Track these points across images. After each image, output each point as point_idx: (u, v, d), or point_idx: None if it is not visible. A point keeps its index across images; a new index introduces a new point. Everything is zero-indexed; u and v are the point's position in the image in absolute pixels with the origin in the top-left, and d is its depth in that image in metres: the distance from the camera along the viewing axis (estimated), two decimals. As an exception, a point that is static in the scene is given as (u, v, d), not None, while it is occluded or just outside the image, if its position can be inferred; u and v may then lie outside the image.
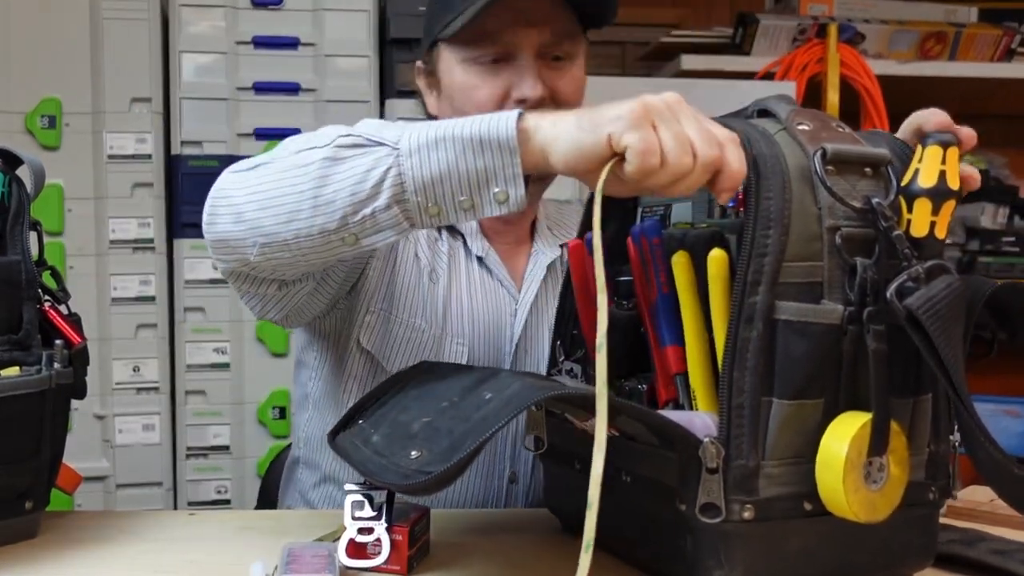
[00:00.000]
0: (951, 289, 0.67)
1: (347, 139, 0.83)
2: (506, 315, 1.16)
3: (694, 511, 0.70)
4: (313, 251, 0.86)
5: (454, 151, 0.78)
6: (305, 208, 0.83)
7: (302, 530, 0.92)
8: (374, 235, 0.83)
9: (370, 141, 0.82)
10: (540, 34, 1.08)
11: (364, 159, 0.81)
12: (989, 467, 0.69)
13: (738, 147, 0.72)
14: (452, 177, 0.78)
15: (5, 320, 0.91)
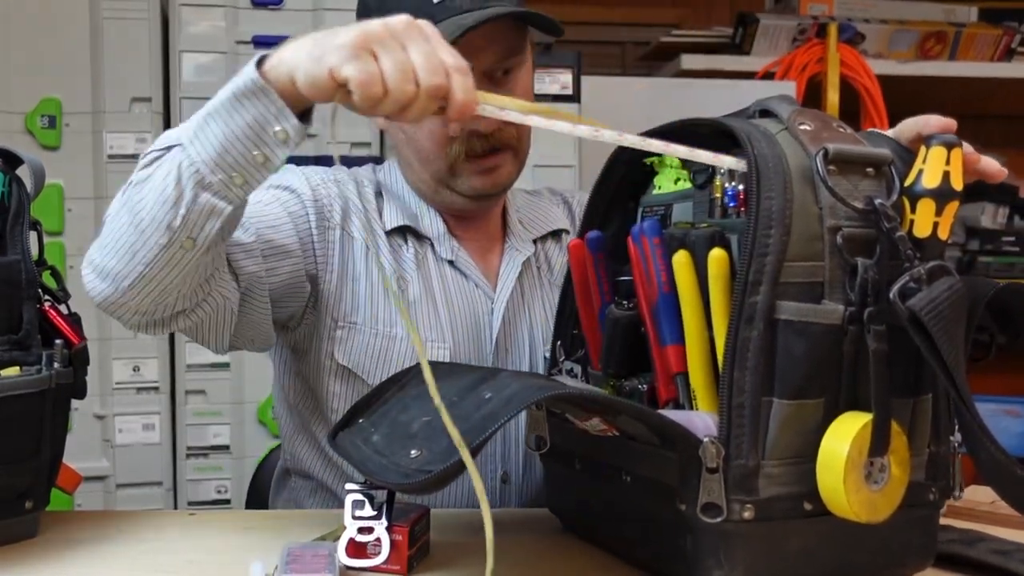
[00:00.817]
0: (953, 290, 0.67)
1: (145, 159, 0.87)
2: (483, 315, 1.15)
3: (694, 511, 0.70)
4: (169, 271, 0.88)
5: (222, 119, 0.81)
6: (138, 237, 0.86)
7: (302, 530, 0.92)
8: (203, 228, 0.85)
9: (161, 150, 0.86)
10: (488, 57, 1.07)
11: (160, 168, 0.85)
12: (990, 468, 0.69)
13: (467, 76, 0.74)
14: (233, 142, 0.81)
15: (5, 320, 0.90)
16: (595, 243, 0.90)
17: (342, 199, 1.14)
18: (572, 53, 2.20)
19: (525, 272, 1.18)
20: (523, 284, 1.18)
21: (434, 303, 1.13)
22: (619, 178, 0.93)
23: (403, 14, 0.76)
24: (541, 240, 1.21)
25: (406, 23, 0.75)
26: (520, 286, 1.18)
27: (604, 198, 0.95)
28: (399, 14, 0.93)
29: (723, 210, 0.79)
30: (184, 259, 0.87)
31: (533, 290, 1.19)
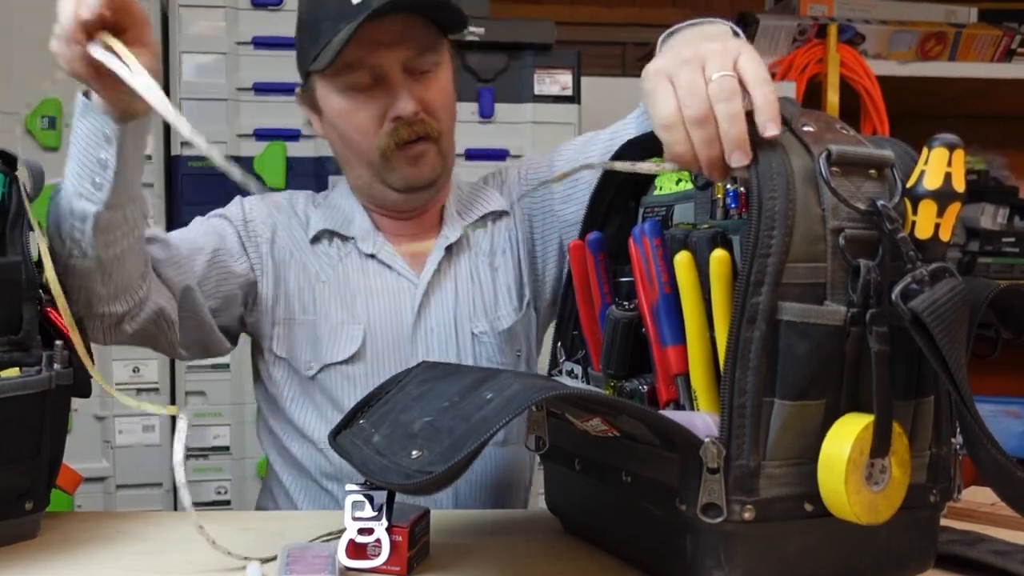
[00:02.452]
0: (955, 292, 0.67)
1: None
2: (405, 298, 1.21)
3: (695, 511, 0.70)
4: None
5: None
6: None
7: (302, 530, 0.92)
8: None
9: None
10: (404, 52, 1.13)
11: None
12: (991, 469, 0.69)
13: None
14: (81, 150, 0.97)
15: (5, 320, 0.90)
16: (596, 244, 0.90)
17: (272, 218, 1.24)
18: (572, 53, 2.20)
19: (450, 255, 1.23)
20: (445, 265, 1.23)
21: (349, 290, 1.21)
22: (620, 178, 0.93)
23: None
24: (472, 225, 1.27)
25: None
26: (448, 268, 1.23)
27: (605, 198, 0.95)
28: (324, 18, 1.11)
29: (724, 211, 0.79)
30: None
31: (459, 270, 1.23)
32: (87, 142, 0.97)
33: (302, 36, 1.18)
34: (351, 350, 1.18)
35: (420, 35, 1.14)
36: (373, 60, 1.13)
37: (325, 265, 1.22)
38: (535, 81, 2.16)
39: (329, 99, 1.18)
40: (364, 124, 1.16)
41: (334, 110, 1.18)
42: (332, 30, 1.12)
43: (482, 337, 1.21)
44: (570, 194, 1.22)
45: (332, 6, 1.12)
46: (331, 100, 1.17)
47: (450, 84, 1.20)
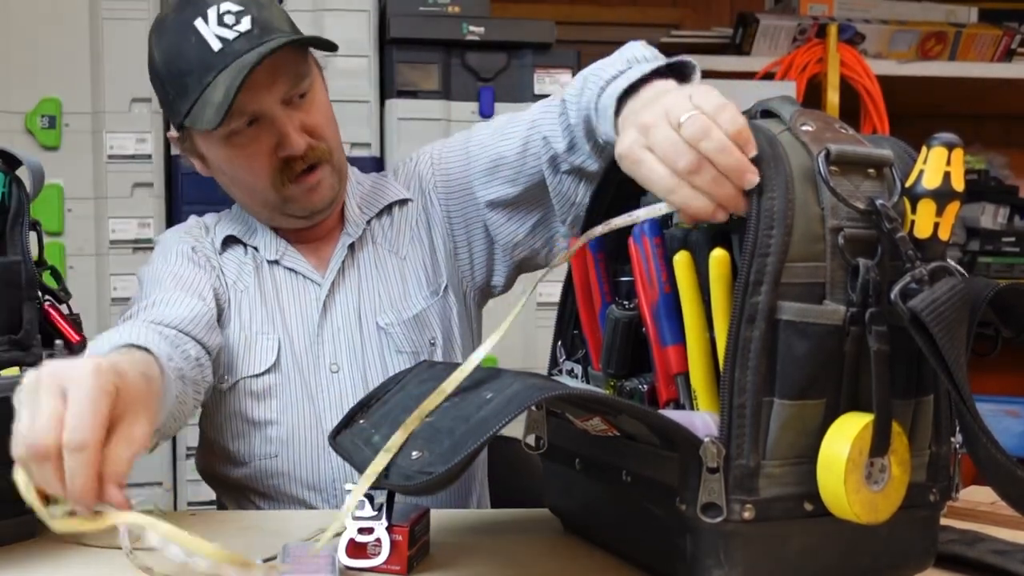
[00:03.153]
0: (954, 291, 0.67)
1: None
2: (311, 300, 1.21)
3: (694, 511, 0.70)
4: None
5: None
6: None
7: (302, 530, 0.92)
8: None
9: None
10: (280, 88, 1.11)
11: None
12: (991, 468, 0.69)
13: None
14: None
15: (5, 320, 0.91)
16: (595, 243, 0.90)
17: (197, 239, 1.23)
18: (572, 53, 2.20)
19: (357, 250, 1.23)
20: (355, 261, 1.23)
21: (264, 301, 1.20)
22: (620, 178, 0.93)
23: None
24: (377, 217, 1.26)
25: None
26: (352, 264, 1.23)
27: (605, 198, 0.95)
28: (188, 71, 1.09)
29: (724, 210, 0.79)
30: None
31: (363, 264, 1.23)
32: None
33: (165, 89, 1.14)
34: (268, 361, 1.18)
35: (291, 65, 1.11)
36: (252, 107, 1.10)
37: (241, 275, 1.22)
38: (535, 80, 2.16)
39: (212, 150, 1.15)
40: (254, 168, 1.14)
41: (220, 159, 1.15)
42: (199, 83, 1.09)
43: (389, 329, 1.20)
44: (488, 180, 1.21)
45: (192, 58, 1.09)
46: (214, 151, 1.15)
47: (326, 96, 1.19)
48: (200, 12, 1.09)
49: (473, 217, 1.24)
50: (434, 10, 2.16)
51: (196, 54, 1.09)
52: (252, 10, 1.10)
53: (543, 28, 2.18)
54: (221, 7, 1.09)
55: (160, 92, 1.16)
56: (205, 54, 1.08)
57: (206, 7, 1.09)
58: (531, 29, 2.18)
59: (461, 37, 2.14)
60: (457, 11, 2.17)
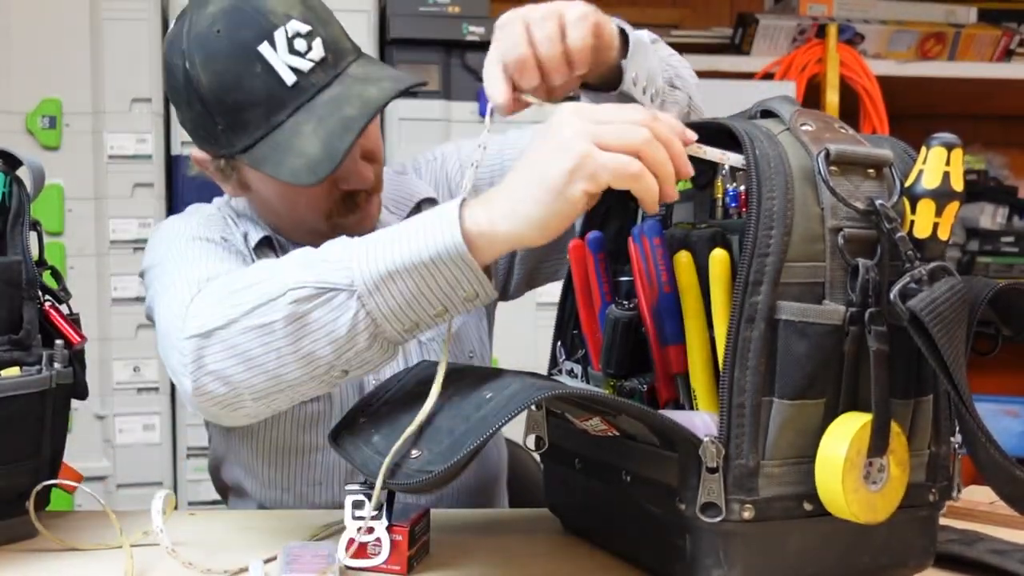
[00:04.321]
0: (954, 291, 0.67)
1: (300, 291, 0.80)
2: None
3: (694, 511, 0.70)
4: (309, 389, 0.85)
5: (412, 279, 0.77)
6: (289, 365, 0.82)
7: (302, 530, 0.92)
8: (360, 367, 0.83)
9: (322, 288, 0.80)
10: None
11: (328, 312, 0.80)
12: (990, 468, 0.69)
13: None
14: (418, 300, 0.78)
15: (5, 320, 0.91)
16: (595, 243, 0.90)
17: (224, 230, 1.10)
18: (572, 53, 2.19)
19: None
20: None
21: None
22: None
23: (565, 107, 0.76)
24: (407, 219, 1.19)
25: (572, 108, 0.75)
26: None
27: (605, 198, 0.94)
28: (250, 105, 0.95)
29: (724, 211, 0.79)
30: (329, 384, 0.85)
31: None
32: (436, 300, 0.78)
33: (212, 118, 0.99)
34: None
35: None
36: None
37: None
38: (535, 81, 2.16)
39: (264, 184, 1.04)
40: (313, 204, 1.04)
41: (271, 193, 1.05)
42: (266, 120, 0.97)
43: (429, 344, 1.13)
44: None
45: (258, 90, 0.96)
46: (268, 185, 1.04)
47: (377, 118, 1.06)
48: (264, 35, 0.96)
49: None
50: (434, 10, 2.16)
51: (263, 87, 0.96)
52: (319, 29, 0.99)
53: (543, 28, 2.18)
54: (289, 28, 0.97)
55: (201, 118, 1.00)
56: (275, 88, 0.96)
57: (272, 29, 0.96)
58: (531, 29, 2.18)
59: (461, 37, 2.14)
60: (457, 11, 2.17)
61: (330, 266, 0.81)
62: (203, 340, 0.84)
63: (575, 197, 0.73)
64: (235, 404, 0.86)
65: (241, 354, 0.83)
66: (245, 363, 0.83)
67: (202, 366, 0.84)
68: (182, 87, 1.00)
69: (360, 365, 0.83)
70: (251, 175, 1.05)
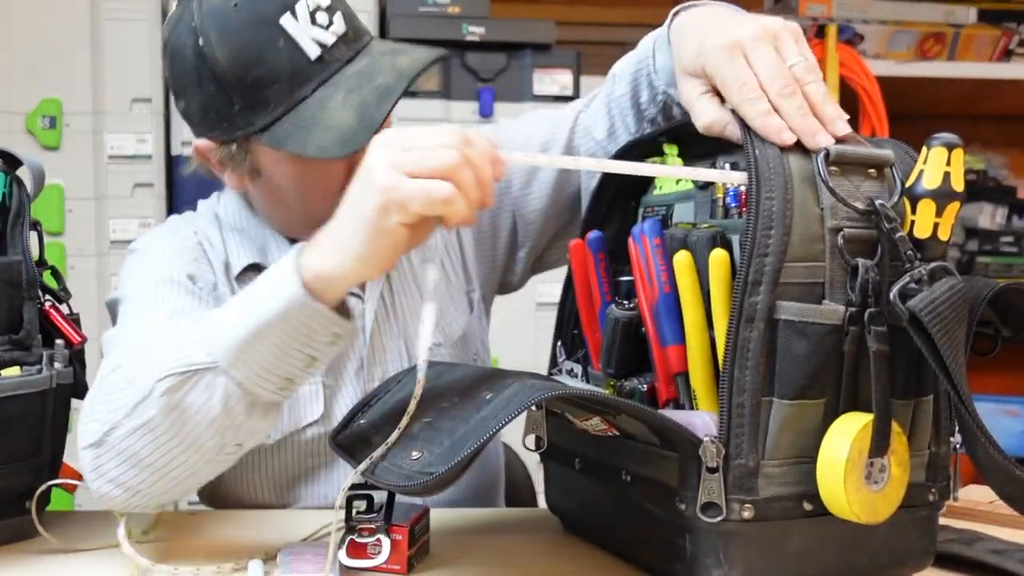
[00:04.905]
0: (954, 291, 0.67)
1: (167, 382, 0.79)
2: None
3: (694, 511, 0.70)
4: (208, 471, 0.84)
5: (269, 340, 0.77)
6: (179, 457, 0.81)
7: (302, 530, 0.92)
8: (251, 437, 0.82)
9: (188, 372, 0.79)
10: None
11: (199, 394, 0.79)
12: (990, 468, 0.69)
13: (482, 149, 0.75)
14: (282, 358, 0.78)
15: (6, 320, 0.91)
16: (596, 243, 0.90)
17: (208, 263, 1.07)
18: (572, 53, 2.20)
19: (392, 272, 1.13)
20: (391, 280, 1.12)
21: None
22: (620, 178, 0.93)
23: (382, 136, 0.76)
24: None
25: (392, 135, 0.76)
26: (388, 283, 1.12)
27: (605, 198, 0.95)
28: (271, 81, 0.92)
29: (724, 211, 0.79)
30: (228, 460, 0.84)
31: (402, 278, 1.13)
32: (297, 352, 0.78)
33: (229, 97, 0.95)
34: (316, 412, 1.05)
35: None
36: None
37: None
38: (535, 81, 2.17)
39: (279, 167, 1.00)
40: (327, 189, 0.96)
41: (286, 177, 1.00)
42: (289, 95, 0.94)
43: (436, 349, 1.11)
44: (529, 179, 1.13)
45: (280, 64, 0.93)
46: (283, 168, 1.00)
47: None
48: (286, 7, 0.94)
49: (504, 216, 1.16)
50: (434, 10, 2.17)
51: (287, 61, 0.93)
52: (338, 4, 0.98)
53: (543, 28, 2.18)
54: (309, 1, 0.94)
55: (214, 100, 0.96)
56: (299, 62, 0.94)
57: (293, 1, 0.94)
58: (531, 29, 2.18)
59: (461, 37, 2.15)
60: (457, 11, 2.17)
61: (193, 347, 0.80)
62: (96, 450, 0.82)
63: (392, 229, 0.74)
64: (138, 504, 0.84)
65: (131, 457, 0.81)
66: (137, 466, 0.81)
67: (102, 475, 0.82)
68: (192, 68, 0.96)
69: (249, 435, 0.82)
70: (266, 159, 1.00)
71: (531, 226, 1.16)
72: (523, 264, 1.21)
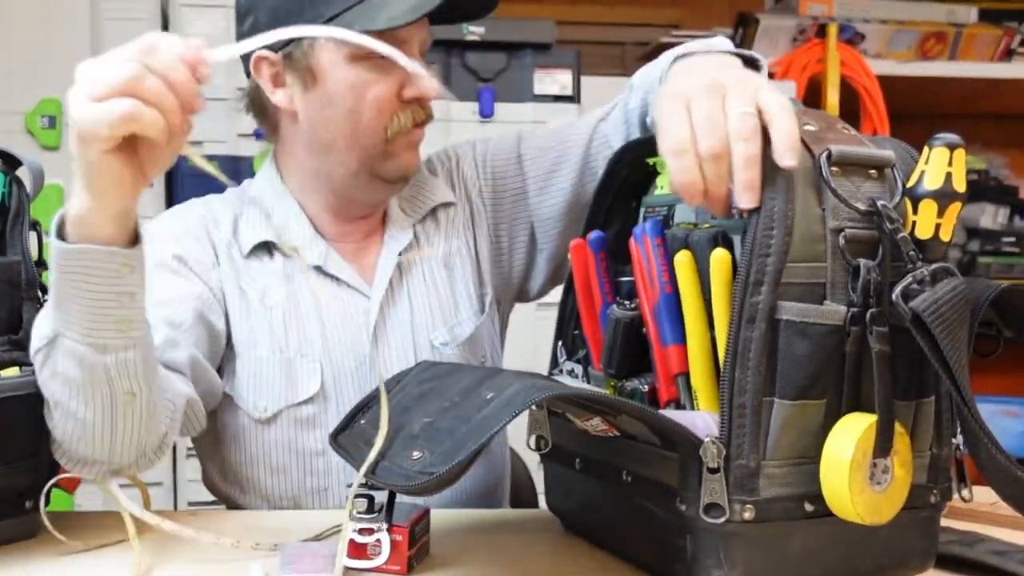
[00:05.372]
0: (956, 292, 0.67)
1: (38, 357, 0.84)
2: (358, 315, 1.11)
3: (695, 511, 0.70)
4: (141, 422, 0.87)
5: (68, 293, 0.79)
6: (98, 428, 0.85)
7: (302, 530, 0.92)
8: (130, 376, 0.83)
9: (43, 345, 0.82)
10: (424, 32, 1.07)
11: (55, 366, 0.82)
12: (992, 469, 0.69)
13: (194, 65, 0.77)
14: (94, 303, 0.79)
15: (5, 320, 0.91)
16: (597, 243, 0.90)
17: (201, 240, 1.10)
18: (572, 53, 2.20)
19: (405, 259, 1.14)
20: (404, 272, 1.14)
21: (299, 316, 1.09)
22: (621, 178, 0.93)
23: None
24: (420, 222, 1.17)
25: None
26: (400, 275, 1.14)
27: (606, 198, 0.95)
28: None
29: (725, 210, 0.79)
30: (139, 406, 0.85)
31: (412, 275, 1.15)
32: (105, 294, 0.80)
33: None
34: (312, 388, 1.07)
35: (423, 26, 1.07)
36: (404, 32, 1.03)
37: (269, 286, 1.09)
38: (535, 80, 2.17)
39: (339, 68, 1.04)
40: (382, 100, 1.04)
41: (344, 82, 1.04)
42: None
43: (443, 349, 1.13)
44: (544, 186, 1.16)
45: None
46: (341, 70, 1.04)
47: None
48: None
49: (521, 225, 1.18)
50: (434, 10, 2.16)
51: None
52: None
53: (543, 28, 2.18)
54: None
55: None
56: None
57: None
58: (531, 29, 2.18)
59: (461, 37, 2.14)
60: (457, 11, 2.17)
61: (44, 322, 0.83)
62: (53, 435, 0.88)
63: (100, 159, 0.75)
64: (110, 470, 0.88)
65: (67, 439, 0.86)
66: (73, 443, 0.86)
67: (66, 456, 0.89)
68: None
69: (124, 377, 0.83)
70: (325, 61, 1.04)
71: (550, 231, 1.18)
72: (544, 270, 1.22)
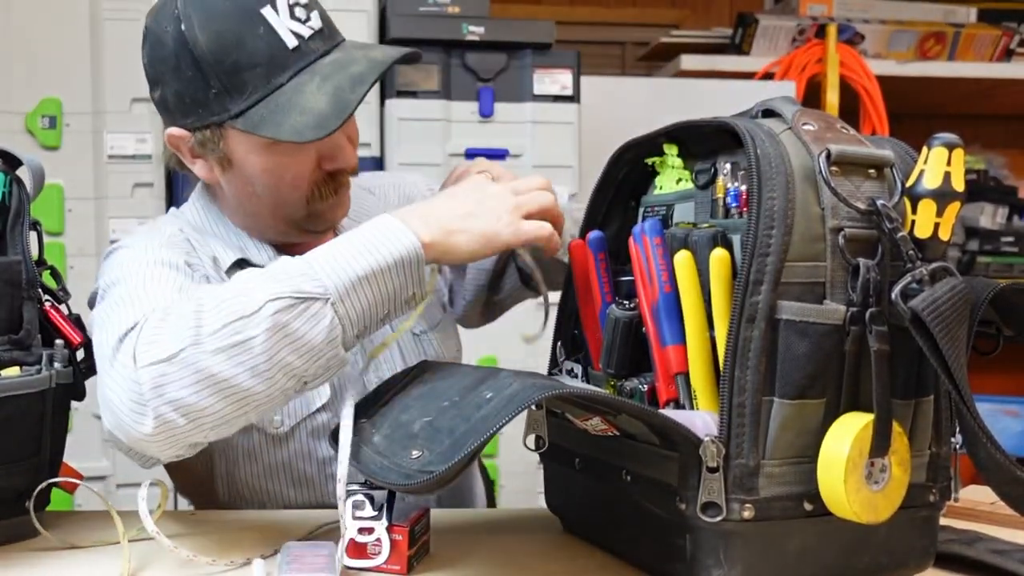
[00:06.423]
0: (955, 291, 0.67)
1: (278, 303, 0.81)
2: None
3: (694, 510, 0.70)
4: (266, 408, 0.85)
5: (377, 285, 0.85)
6: (260, 384, 0.82)
7: (302, 530, 0.92)
8: (317, 378, 0.86)
9: (299, 298, 0.82)
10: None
11: (305, 321, 0.82)
12: (991, 468, 0.69)
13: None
14: (378, 304, 0.86)
15: (5, 320, 0.91)
16: (596, 243, 0.90)
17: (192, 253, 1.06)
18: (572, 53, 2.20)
19: None
20: None
21: None
22: (620, 178, 0.93)
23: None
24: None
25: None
26: None
27: (605, 198, 0.95)
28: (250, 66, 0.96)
29: (725, 210, 0.79)
30: (285, 399, 0.86)
31: None
32: (389, 303, 0.87)
33: (207, 81, 0.97)
34: (324, 396, 1.06)
35: None
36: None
37: None
38: (535, 81, 2.16)
39: (250, 156, 1.01)
40: (297, 179, 1.01)
41: (256, 166, 1.01)
42: (266, 82, 0.96)
43: (423, 337, 1.15)
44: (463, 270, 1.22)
45: (260, 52, 0.96)
46: (254, 157, 1.00)
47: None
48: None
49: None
50: (434, 10, 2.16)
51: (265, 48, 0.96)
52: (315, 5, 1.01)
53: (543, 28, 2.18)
54: None
55: (192, 84, 0.98)
56: (277, 50, 0.96)
57: None
58: (531, 29, 2.18)
59: (461, 37, 2.14)
60: (457, 11, 2.17)
61: (299, 278, 0.83)
62: (164, 366, 0.81)
63: (507, 234, 0.90)
64: (182, 437, 0.83)
65: (207, 378, 0.80)
66: (211, 387, 0.81)
67: (162, 395, 0.80)
68: (171, 53, 0.98)
69: (320, 374, 0.86)
70: (238, 147, 1.01)
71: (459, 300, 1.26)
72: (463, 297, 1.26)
